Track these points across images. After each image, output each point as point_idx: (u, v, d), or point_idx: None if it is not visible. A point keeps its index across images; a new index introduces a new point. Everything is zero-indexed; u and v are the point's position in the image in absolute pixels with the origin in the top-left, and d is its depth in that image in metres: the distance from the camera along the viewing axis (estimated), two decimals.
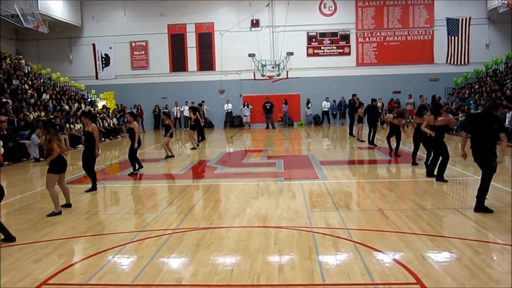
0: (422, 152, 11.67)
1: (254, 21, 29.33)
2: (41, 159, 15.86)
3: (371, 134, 17.12)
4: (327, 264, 5.47)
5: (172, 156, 15.27)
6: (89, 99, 28.34)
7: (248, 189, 10.02)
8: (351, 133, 21.02)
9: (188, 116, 28.06)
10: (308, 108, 29.46)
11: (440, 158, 9.95)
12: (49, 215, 7.98)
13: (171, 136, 15.19)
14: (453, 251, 5.74)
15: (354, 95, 22.80)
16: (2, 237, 6.54)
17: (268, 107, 28.55)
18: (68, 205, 8.58)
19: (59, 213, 8.10)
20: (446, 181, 9.90)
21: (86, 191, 10.00)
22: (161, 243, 6.37)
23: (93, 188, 10.20)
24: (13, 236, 6.59)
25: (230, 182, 11.13)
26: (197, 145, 18.46)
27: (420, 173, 10.93)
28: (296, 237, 6.49)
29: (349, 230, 6.73)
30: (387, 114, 11.96)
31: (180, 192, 10.06)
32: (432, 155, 10.44)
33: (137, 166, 12.54)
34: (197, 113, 18.89)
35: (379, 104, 26.83)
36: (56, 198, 8.16)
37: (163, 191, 10.53)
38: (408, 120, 26.88)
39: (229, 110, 29.93)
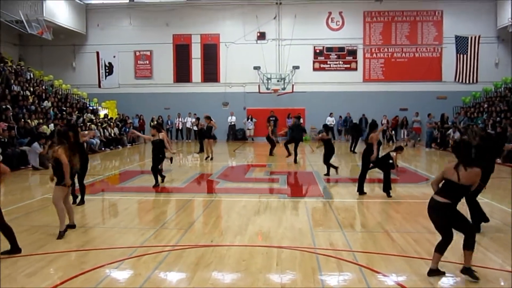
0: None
1: (260, 34, 29.24)
2: (40, 167, 15.69)
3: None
4: (330, 287, 5.26)
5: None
6: (91, 108, 28.18)
7: (250, 205, 9.80)
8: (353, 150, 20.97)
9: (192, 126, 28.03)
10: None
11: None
12: (58, 238, 7.18)
13: None
14: (461, 278, 5.52)
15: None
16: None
17: (272, 120, 28.29)
18: (72, 226, 7.75)
19: (65, 231, 7.40)
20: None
21: (73, 203, 9.36)
22: (159, 260, 6.17)
23: (81, 201, 9.79)
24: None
25: (232, 197, 10.92)
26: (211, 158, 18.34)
27: (428, 194, 10.67)
28: (299, 258, 6.28)
29: (353, 252, 6.51)
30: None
31: (181, 207, 9.84)
32: None
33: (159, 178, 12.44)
34: (211, 121, 18.60)
35: (384, 121, 26.78)
36: (63, 214, 7.40)
37: (163, 205, 10.31)
38: (417, 140, 26.59)
39: (232, 123, 29.70)
